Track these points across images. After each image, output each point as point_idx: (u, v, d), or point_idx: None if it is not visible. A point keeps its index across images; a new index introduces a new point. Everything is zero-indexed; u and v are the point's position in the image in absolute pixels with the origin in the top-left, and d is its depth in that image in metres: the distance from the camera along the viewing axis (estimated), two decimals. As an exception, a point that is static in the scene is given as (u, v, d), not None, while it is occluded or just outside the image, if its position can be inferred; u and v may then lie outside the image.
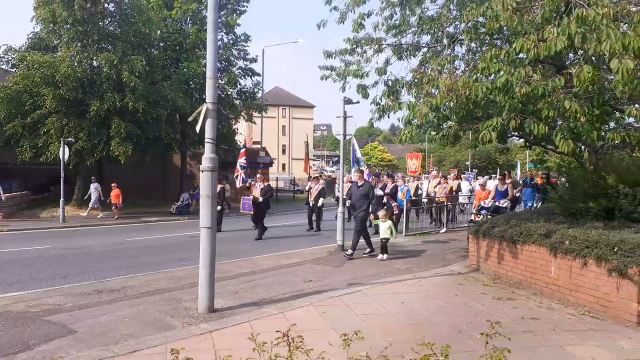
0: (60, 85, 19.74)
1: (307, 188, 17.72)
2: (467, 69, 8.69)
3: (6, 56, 22.30)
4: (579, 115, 6.25)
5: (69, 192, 21.20)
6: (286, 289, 7.49)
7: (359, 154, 14.83)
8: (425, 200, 17.75)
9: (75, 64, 20.59)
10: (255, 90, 29.68)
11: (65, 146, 19.01)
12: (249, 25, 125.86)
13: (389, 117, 9.48)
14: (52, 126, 19.84)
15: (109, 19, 22.67)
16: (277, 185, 37.72)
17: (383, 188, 13.72)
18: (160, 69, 23.94)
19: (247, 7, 28.11)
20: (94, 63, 21.60)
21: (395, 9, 9.48)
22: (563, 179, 16.26)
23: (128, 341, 5.08)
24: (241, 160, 19.11)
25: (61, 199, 18.75)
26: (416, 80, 8.74)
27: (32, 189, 23.71)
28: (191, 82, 25.29)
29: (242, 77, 28.65)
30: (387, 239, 10.36)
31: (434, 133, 9.17)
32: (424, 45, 9.92)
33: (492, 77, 7.71)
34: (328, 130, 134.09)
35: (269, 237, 13.76)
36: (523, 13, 7.03)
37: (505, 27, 7.46)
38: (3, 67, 23.29)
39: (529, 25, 6.75)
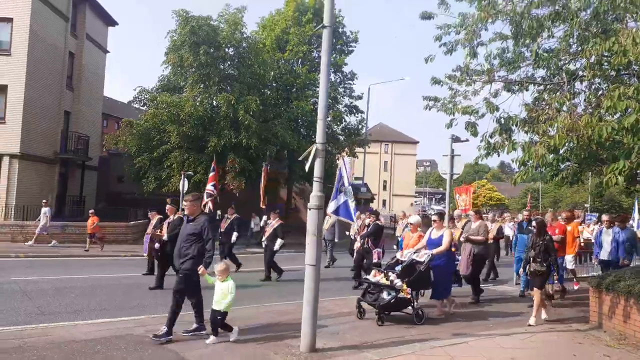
0: (184, 123, 21.67)
1: (261, 224, 15.70)
2: (588, 107, 8.12)
3: (140, 96, 25.05)
4: None
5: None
6: (387, 334, 7.27)
7: (345, 182, 8.50)
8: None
9: (198, 104, 22.51)
10: (360, 127, 30.16)
11: (185, 179, 20.60)
12: (354, 63, 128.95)
13: (498, 155, 9.09)
14: (174, 160, 21.71)
15: (229, 62, 24.56)
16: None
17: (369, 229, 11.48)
18: (272, 108, 25.37)
19: (355, 47, 29.03)
20: (214, 102, 23.47)
21: (508, 41, 9.14)
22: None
23: (234, 373, 5.24)
24: (209, 187, 15.46)
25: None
26: (531, 118, 8.32)
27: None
28: (299, 120, 26.41)
29: (347, 114, 29.32)
30: (224, 313, 6.56)
31: (552, 175, 8.59)
32: (539, 80, 9.44)
33: (617, 114, 7.13)
34: (432, 166, 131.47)
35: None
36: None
37: (634, 63, 6.88)
38: (136, 105, 26.21)
39: (664, 60, 6.17)
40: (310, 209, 6.35)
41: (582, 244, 13.21)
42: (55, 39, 24.67)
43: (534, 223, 8.89)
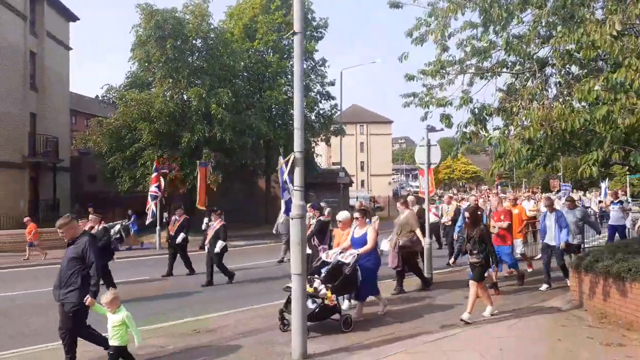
0: (154, 120, 21.25)
1: (203, 227, 13.43)
2: (560, 95, 8.23)
3: (108, 95, 24.40)
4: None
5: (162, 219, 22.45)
6: (376, 331, 7.32)
7: (287, 178, 7.96)
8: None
9: (168, 99, 22.05)
10: (333, 112, 30.09)
11: (161, 177, 20.25)
12: (326, 49, 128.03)
13: (471, 141, 9.20)
14: (148, 158, 21.32)
15: (197, 54, 24.05)
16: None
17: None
18: (244, 98, 25.08)
19: (325, 33, 28.77)
20: (184, 97, 23.04)
21: (478, 29, 9.14)
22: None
23: (228, 391, 5.25)
24: (152, 188, 15.53)
25: (157, 227, 19.89)
26: (505, 108, 8.41)
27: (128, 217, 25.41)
28: (273, 109, 26.20)
29: (320, 101, 29.20)
30: (121, 348, 5.65)
31: (526, 162, 8.71)
32: (509, 67, 9.49)
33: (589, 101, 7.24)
34: (407, 143, 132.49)
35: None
36: (625, 37, 6.55)
37: (604, 54, 6.98)
38: (105, 104, 25.51)
39: (634, 52, 6.24)
40: (292, 219, 6.33)
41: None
42: (14, 39, 23.81)
43: (466, 214, 8.27)
